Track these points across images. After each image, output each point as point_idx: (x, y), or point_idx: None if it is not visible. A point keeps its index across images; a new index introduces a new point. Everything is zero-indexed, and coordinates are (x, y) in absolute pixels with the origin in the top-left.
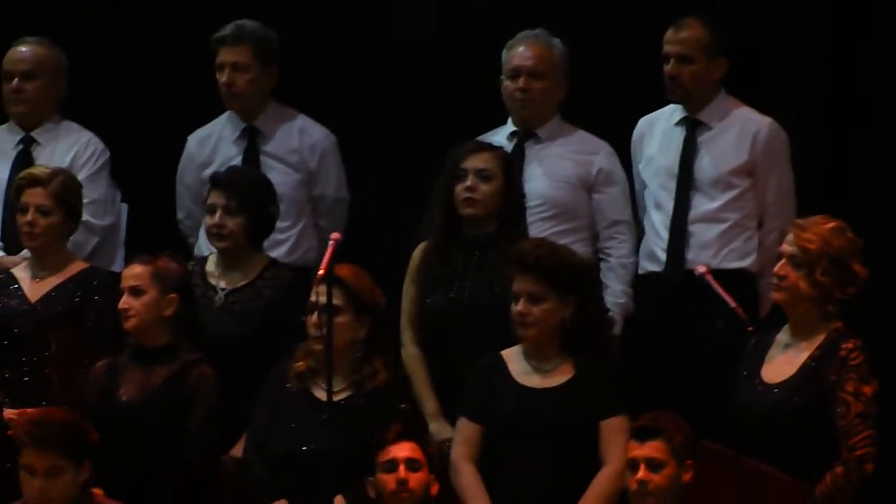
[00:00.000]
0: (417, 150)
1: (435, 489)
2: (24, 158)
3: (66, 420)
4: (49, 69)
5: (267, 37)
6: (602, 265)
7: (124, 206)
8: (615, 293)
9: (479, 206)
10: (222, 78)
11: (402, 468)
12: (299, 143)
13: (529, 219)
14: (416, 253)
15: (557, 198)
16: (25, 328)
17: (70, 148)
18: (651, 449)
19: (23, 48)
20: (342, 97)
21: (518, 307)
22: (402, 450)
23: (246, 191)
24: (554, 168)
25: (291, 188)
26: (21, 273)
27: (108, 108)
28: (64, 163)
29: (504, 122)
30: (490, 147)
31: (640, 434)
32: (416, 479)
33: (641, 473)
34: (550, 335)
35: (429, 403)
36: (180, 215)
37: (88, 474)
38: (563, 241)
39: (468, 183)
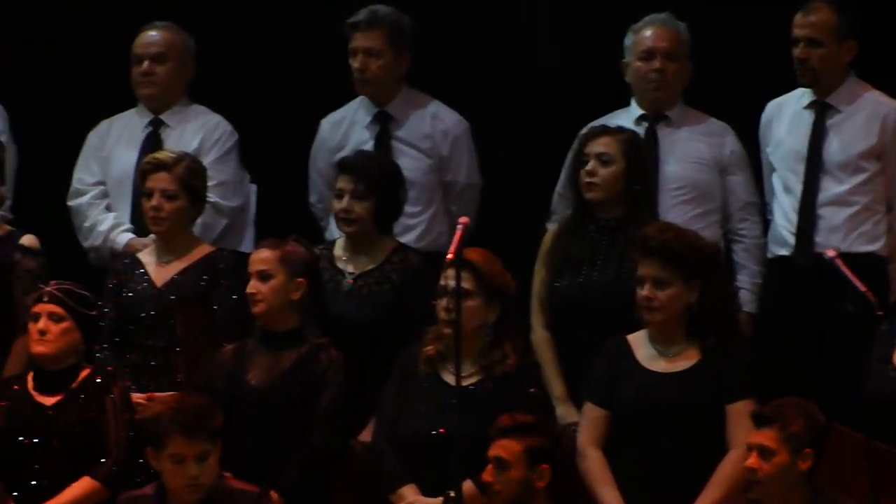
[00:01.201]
0: (547, 135)
1: (541, 484)
2: (153, 141)
3: (202, 404)
4: (178, 52)
5: (400, 22)
6: (736, 246)
7: (253, 188)
8: (752, 273)
9: (600, 190)
10: (355, 63)
11: (488, 469)
12: (431, 128)
13: (668, 202)
14: (547, 236)
15: (696, 180)
16: (152, 312)
17: (198, 131)
18: (763, 436)
19: (152, 32)
20: (474, 82)
21: (643, 292)
22: (494, 448)
23: (373, 175)
24: (689, 151)
25: (423, 173)
26: (147, 257)
27: (238, 90)
28: (192, 146)
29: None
30: (612, 130)
31: (756, 420)
32: (502, 481)
33: (751, 461)
34: (676, 319)
35: (557, 387)
36: (312, 199)
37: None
38: (698, 224)
39: (589, 167)
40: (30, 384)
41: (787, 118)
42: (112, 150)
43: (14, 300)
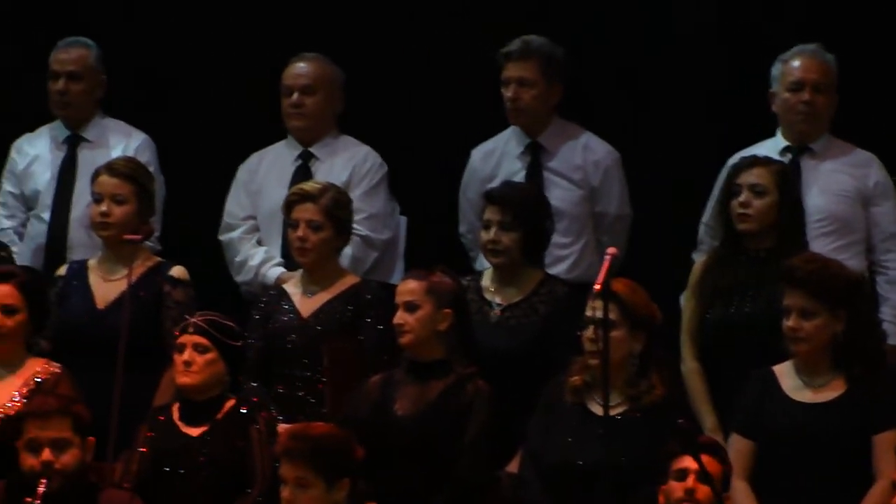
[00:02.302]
0: (692, 165)
1: None
2: (303, 173)
3: (324, 435)
4: (328, 84)
5: (553, 53)
6: (880, 278)
7: (403, 219)
8: None
9: (754, 222)
10: (508, 93)
11: (691, 478)
12: (583, 159)
13: (810, 234)
14: (696, 267)
15: (838, 212)
16: (298, 343)
17: (348, 163)
18: None
19: (302, 64)
20: (622, 114)
21: (789, 322)
22: (693, 462)
23: (520, 206)
24: (832, 182)
25: (574, 204)
26: (293, 289)
27: (387, 121)
28: (342, 178)
29: (769, 135)
30: (764, 161)
31: None
32: (704, 492)
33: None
34: (822, 350)
35: (708, 419)
36: (462, 228)
37: (347, 491)
38: (841, 255)
39: (742, 198)
40: (175, 415)
41: None
42: (262, 183)
43: (163, 331)
